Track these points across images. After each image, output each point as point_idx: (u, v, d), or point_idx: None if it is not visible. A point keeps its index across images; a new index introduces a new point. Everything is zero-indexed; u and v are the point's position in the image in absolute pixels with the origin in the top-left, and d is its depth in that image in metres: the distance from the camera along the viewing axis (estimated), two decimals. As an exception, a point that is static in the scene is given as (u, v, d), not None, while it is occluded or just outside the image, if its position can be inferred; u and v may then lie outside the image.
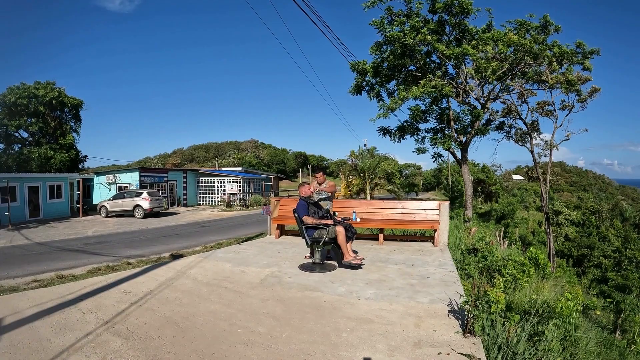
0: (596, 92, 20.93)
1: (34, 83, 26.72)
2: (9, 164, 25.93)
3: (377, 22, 15.99)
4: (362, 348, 3.09)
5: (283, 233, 9.33)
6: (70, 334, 3.40)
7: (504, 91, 18.81)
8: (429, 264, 6.11)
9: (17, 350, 3.06)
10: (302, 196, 6.16)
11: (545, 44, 15.14)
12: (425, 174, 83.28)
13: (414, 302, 4.16)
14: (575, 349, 3.71)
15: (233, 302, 4.29)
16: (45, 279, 6.85)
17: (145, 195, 21.38)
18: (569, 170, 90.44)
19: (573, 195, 60.96)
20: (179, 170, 34.40)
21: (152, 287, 4.89)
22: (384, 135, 19.78)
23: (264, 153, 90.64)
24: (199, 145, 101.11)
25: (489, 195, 55.03)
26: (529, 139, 22.75)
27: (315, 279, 5.22)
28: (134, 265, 7.41)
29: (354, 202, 9.79)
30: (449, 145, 17.38)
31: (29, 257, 9.72)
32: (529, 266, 6.51)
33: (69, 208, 22.83)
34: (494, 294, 3.20)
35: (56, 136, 27.54)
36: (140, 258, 9.07)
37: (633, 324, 7.59)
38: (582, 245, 28.52)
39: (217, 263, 6.34)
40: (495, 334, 3.18)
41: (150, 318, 3.80)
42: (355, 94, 19.04)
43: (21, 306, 4.20)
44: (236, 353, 3.05)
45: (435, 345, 3.11)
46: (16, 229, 16.36)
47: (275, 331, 3.45)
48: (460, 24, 15.83)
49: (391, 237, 8.95)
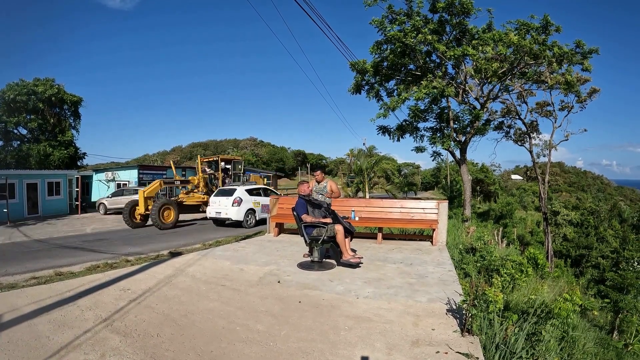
0: (595, 93, 21.02)
1: (33, 80, 26.58)
2: (8, 161, 25.85)
3: (377, 21, 15.97)
4: (360, 346, 3.10)
5: (282, 231, 9.34)
6: (69, 331, 3.40)
7: (504, 91, 18.81)
8: (427, 263, 6.12)
9: (16, 347, 3.07)
10: (302, 195, 6.17)
11: (545, 44, 15.14)
12: (424, 173, 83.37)
13: (413, 301, 4.17)
14: (573, 349, 3.72)
15: (232, 300, 4.30)
16: (43, 276, 6.84)
17: (144, 193, 21.34)
18: (568, 170, 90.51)
19: (571, 195, 61.03)
20: (178, 167, 34.34)
21: (151, 285, 4.89)
22: (383, 134, 19.78)
23: (263, 151, 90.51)
24: (198, 143, 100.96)
25: (487, 195, 55.14)
26: (528, 139, 22.82)
27: (314, 277, 5.23)
28: (133, 263, 7.40)
29: (353, 201, 9.81)
30: (448, 144, 17.39)
31: (27, 254, 9.70)
32: (527, 266, 6.54)
33: (68, 205, 22.80)
34: (492, 294, 3.21)
35: (55, 133, 27.44)
36: (138, 255, 9.05)
37: (630, 325, 7.62)
38: (580, 246, 28.56)
39: (215, 261, 6.34)
40: (493, 333, 3.20)
41: (148, 316, 3.80)
42: (354, 93, 19.03)
43: (20, 303, 4.20)
44: (235, 351, 3.06)
45: (433, 344, 3.12)
46: (15, 225, 16.33)
47: (274, 329, 3.46)
48: (461, 23, 15.82)
49: (390, 236, 8.97)
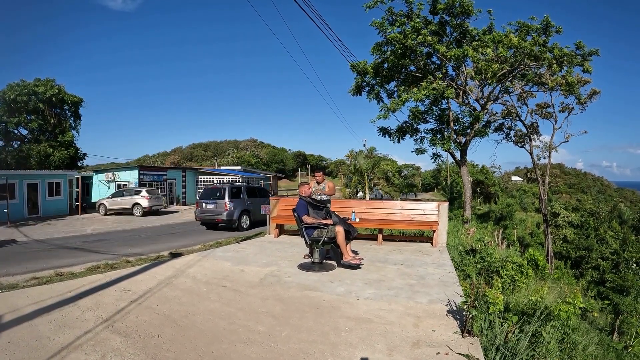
0: (596, 95, 21.02)
1: (33, 80, 26.64)
2: (8, 161, 25.87)
3: (377, 23, 16.00)
4: (361, 347, 3.10)
5: (282, 232, 9.35)
6: (70, 331, 3.40)
7: (504, 93, 18.83)
8: (427, 264, 6.12)
9: (17, 348, 3.07)
10: (302, 196, 6.17)
11: (545, 46, 15.16)
12: (424, 174, 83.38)
13: (413, 302, 4.18)
14: (574, 351, 3.72)
15: (232, 301, 4.30)
16: (44, 276, 6.84)
17: (144, 194, 21.39)
18: (568, 172, 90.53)
19: (572, 197, 61.01)
20: (178, 168, 34.40)
21: (152, 286, 4.90)
22: (384, 136, 19.79)
23: (263, 152, 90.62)
24: (198, 144, 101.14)
25: (487, 197, 55.08)
26: (528, 140, 22.80)
27: (315, 278, 5.23)
28: (133, 264, 7.40)
29: (353, 202, 9.81)
30: (449, 146, 17.39)
31: (27, 255, 9.71)
32: (527, 267, 6.55)
33: (68, 206, 22.82)
34: (493, 295, 3.21)
35: (55, 133, 27.47)
36: (139, 256, 9.06)
37: (630, 326, 7.62)
38: (580, 247, 28.52)
39: (216, 262, 6.34)
40: (494, 334, 3.20)
41: (149, 316, 3.80)
42: (355, 94, 19.04)
43: (20, 304, 4.20)
44: (235, 352, 3.06)
45: (433, 345, 3.12)
46: (15, 226, 16.34)
47: (275, 330, 3.46)
48: (461, 25, 15.84)
49: (390, 238, 8.97)
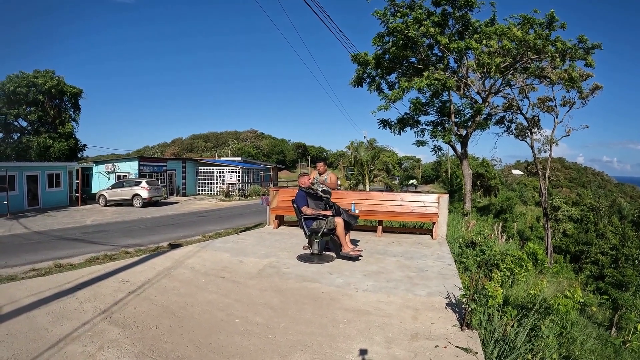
0: (598, 89, 20.89)
1: (33, 72, 26.44)
2: (8, 153, 25.81)
3: (379, 13, 15.85)
4: (359, 340, 3.09)
5: (281, 223, 9.33)
6: (68, 323, 3.39)
7: (505, 85, 18.72)
8: (427, 256, 6.11)
9: (15, 339, 3.06)
10: (302, 187, 6.14)
11: (548, 39, 15.01)
12: (424, 167, 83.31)
13: (412, 295, 4.17)
14: (572, 345, 3.72)
15: (231, 292, 4.30)
16: (43, 267, 6.86)
17: (144, 185, 21.38)
18: (569, 166, 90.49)
19: (572, 191, 61.06)
20: (178, 159, 34.32)
21: (150, 277, 4.89)
22: (384, 128, 19.74)
23: (264, 143, 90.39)
24: (198, 135, 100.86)
25: (488, 190, 55.04)
26: (529, 134, 22.71)
27: (314, 269, 5.22)
28: (132, 255, 7.41)
29: (353, 194, 9.78)
30: (449, 138, 17.34)
31: (27, 246, 9.73)
32: (526, 261, 6.53)
33: (68, 197, 22.81)
34: (492, 288, 3.19)
35: (55, 125, 27.35)
36: (138, 247, 9.07)
37: (629, 321, 7.64)
38: (579, 242, 28.59)
39: (215, 253, 6.34)
40: (492, 328, 3.19)
41: (147, 307, 3.80)
42: (356, 85, 18.92)
43: (19, 295, 4.19)
44: (233, 343, 3.05)
45: (432, 338, 3.11)
46: (15, 217, 16.35)
47: (273, 321, 3.46)
48: (464, 17, 15.69)
49: (390, 229, 8.95)
